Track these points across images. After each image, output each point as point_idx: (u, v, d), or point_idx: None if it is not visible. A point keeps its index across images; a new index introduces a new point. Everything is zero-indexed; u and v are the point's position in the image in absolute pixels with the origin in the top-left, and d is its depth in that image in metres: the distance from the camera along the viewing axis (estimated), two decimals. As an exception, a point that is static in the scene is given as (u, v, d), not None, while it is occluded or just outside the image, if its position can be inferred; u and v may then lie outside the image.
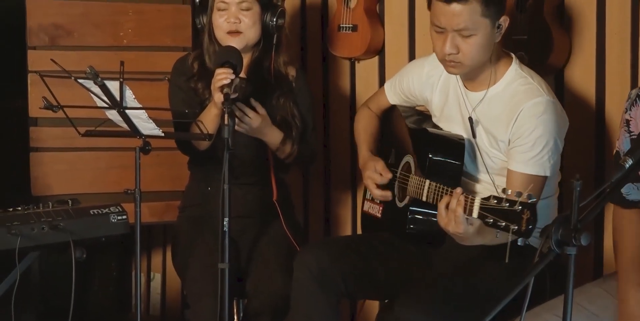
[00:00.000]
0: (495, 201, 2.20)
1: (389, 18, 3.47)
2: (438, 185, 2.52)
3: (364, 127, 3.01)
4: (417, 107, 2.98)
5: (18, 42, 3.58)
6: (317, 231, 3.74)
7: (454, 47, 2.53)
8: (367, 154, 2.92)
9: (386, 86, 2.99)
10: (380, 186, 2.81)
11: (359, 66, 3.58)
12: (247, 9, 2.99)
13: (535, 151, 2.54)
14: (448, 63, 2.58)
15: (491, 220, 2.21)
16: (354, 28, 3.43)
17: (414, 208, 2.67)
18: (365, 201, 3.01)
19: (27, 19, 3.51)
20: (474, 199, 2.28)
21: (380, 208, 2.90)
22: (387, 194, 2.80)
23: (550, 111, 2.55)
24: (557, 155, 2.58)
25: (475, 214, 2.27)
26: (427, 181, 2.57)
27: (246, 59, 2.95)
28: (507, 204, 2.16)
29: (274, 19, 3.01)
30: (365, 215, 3.00)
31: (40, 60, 3.48)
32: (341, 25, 3.46)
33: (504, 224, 2.17)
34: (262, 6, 3.01)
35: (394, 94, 2.95)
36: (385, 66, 3.49)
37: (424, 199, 2.58)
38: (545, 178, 2.56)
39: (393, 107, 2.99)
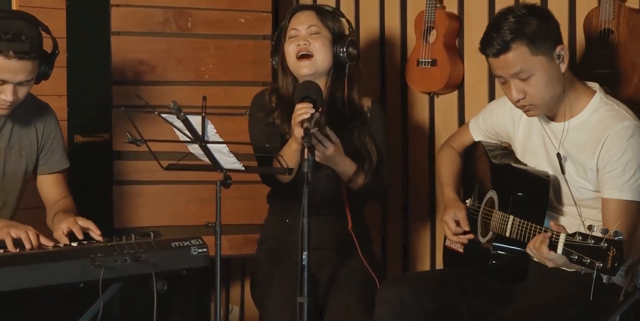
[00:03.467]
0: (581, 238, 2.17)
1: (469, 52, 3.46)
2: (522, 221, 2.50)
3: (448, 167, 3.01)
4: (502, 143, 2.97)
5: (103, 77, 3.67)
6: (396, 265, 3.72)
7: (520, 92, 2.55)
8: (451, 195, 2.93)
9: (470, 123, 3.00)
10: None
11: (438, 100, 3.57)
12: (317, 33, 3.03)
13: (627, 175, 2.50)
14: (522, 108, 2.60)
15: (576, 257, 2.18)
16: (433, 62, 3.43)
17: (497, 244, 2.66)
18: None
19: (112, 55, 3.59)
20: (558, 235, 2.26)
21: (463, 245, 2.88)
22: (464, 241, 2.80)
23: (638, 134, 2.51)
24: None
25: (559, 250, 2.25)
26: (511, 217, 2.56)
27: (318, 88, 2.97)
28: (593, 241, 2.14)
29: (345, 48, 3.04)
30: (448, 250, 2.99)
31: (124, 95, 3.56)
32: (420, 60, 3.46)
33: (588, 261, 2.14)
34: (332, 34, 3.05)
35: (478, 131, 2.96)
36: (465, 100, 3.48)
37: (508, 234, 2.56)
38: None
39: (476, 143, 2.99)
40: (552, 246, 2.30)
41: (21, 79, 2.67)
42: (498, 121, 2.86)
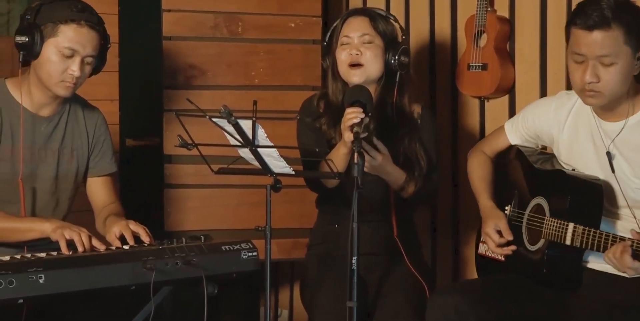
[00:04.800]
0: None
1: (520, 56, 3.43)
2: (586, 229, 2.46)
3: (481, 175, 2.96)
4: (538, 147, 2.93)
5: (154, 82, 3.70)
6: (445, 271, 3.70)
7: (595, 75, 2.49)
8: (488, 204, 2.88)
9: (506, 126, 2.94)
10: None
11: (488, 105, 3.55)
12: (370, 42, 3.02)
13: None
14: (587, 93, 2.53)
15: None
16: (484, 67, 3.41)
17: (551, 252, 2.61)
18: (481, 244, 2.95)
19: (163, 59, 3.63)
20: None
21: None
22: (508, 252, 2.76)
23: None
24: None
25: None
26: (571, 225, 2.52)
27: (368, 95, 2.97)
28: None
29: (397, 57, 3.02)
30: (483, 258, 2.94)
31: (175, 99, 3.59)
32: (471, 64, 3.44)
33: None
34: (385, 42, 3.04)
35: (516, 134, 2.91)
36: (516, 104, 3.45)
37: (568, 242, 2.52)
38: None
39: (510, 148, 2.94)
40: (635, 255, 2.26)
41: (89, 51, 2.76)
42: (541, 123, 2.80)
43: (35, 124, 2.86)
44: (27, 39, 2.73)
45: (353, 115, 2.74)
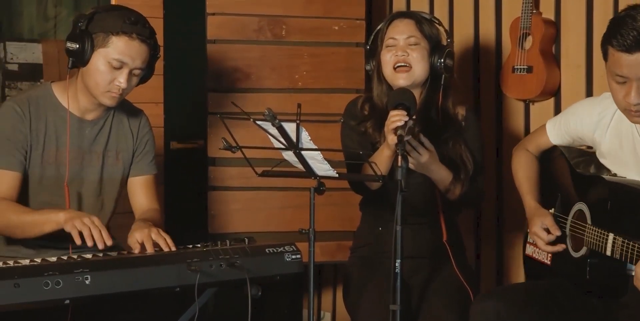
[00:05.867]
0: None
1: (565, 59, 3.40)
2: (625, 241, 2.42)
3: (526, 174, 2.93)
4: (580, 147, 2.89)
5: (199, 85, 3.73)
6: (489, 276, 3.68)
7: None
8: (533, 204, 2.85)
9: (548, 125, 2.91)
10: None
11: (533, 108, 3.52)
12: (416, 44, 3.02)
13: None
14: (633, 113, 2.47)
15: None
16: (529, 69, 3.39)
17: (593, 260, 2.58)
18: (529, 245, 2.93)
19: (208, 62, 3.65)
20: None
21: (550, 255, 2.81)
22: (558, 249, 2.73)
23: None
24: None
25: None
26: (611, 235, 2.47)
27: (414, 98, 2.96)
28: None
29: (442, 60, 3.01)
30: (530, 260, 2.92)
31: (219, 102, 3.61)
32: (516, 67, 3.42)
33: None
34: (430, 45, 3.03)
35: (557, 134, 2.87)
36: (561, 107, 3.42)
37: (608, 253, 2.48)
38: None
39: (553, 147, 2.92)
40: None
41: (137, 64, 2.76)
42: (584, 126, 2.76)
43: (80, 127, 2.87)
44: (77, 46, 2.74)
45: (397, 118, 2.73)
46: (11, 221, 2.72)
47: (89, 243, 2.54)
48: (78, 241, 2.54)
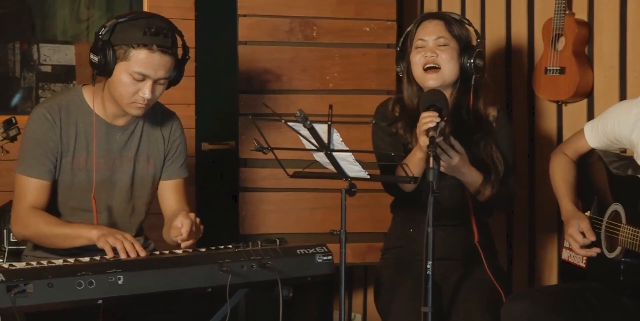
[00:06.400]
0: None
1: (599, 60, 3.38)
2: None
3: (563, 177, 2.92)
4: (618, 151, 2.88)
5: (230, 86, 3.74)
6: (521, 277, 3.66)
7: None
8: (570, 207, 2.84)
9: (586, 128, 2.90)
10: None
11: (566, 109, 3.50)
12: (445, 45, 3.01)
13: None
14: None
15: None
16: (562, 71, 3.37)
17: (628, 260, 2.56)
18: (565, 250, 2.91)
19: (239, 64, 3.66)
20: None
21: (584, 258, 2.80)
22: (592, 253, 2.72)
23: None
24: None
25: None
26: None
27: (444, 99, 2.95)
28: None
29: (472, 60, 3.00)
30: (566, 264, 2.90)
31: (250, 103, 3.62)
32: (548, 68, 3.40)
33: None
34: (460, 46, 3.02)
35: (595, 137, 2.86)
36: (594, 109, 3.39)
37: None
38: None
39: (591, 151, 2.90)
40: None
41: (160, 75, 2.72)
42: (621, 129, 2.75)
43: (111, 132, 2.86)
44: (99, 59, 2.71)
45: (428, 119, 2.72)
46: (42, 232, 2.74)
47: (123, 256, 2.54)
48: (110, 255, 2.55)
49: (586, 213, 2.84)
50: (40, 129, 2.79)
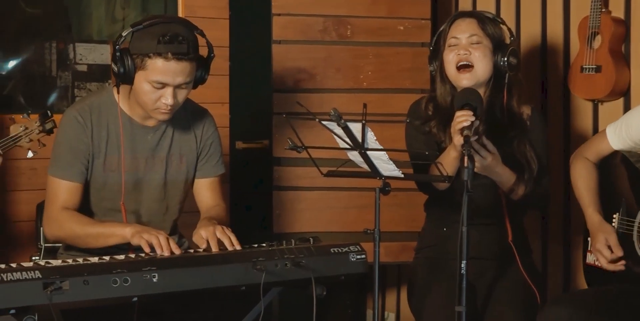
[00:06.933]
0: None
1: (635, 58, 3.35)
2: None
3: (586, 184, 2.89)
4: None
5: (264, 85, 3.75)
6: (556, 278, 3.63)
7: None
8: (596, 218, 2.81)
9: (608, 130, 2.86)
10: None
11: (602, 108, 3.47)
12: (478, 43, 2.99)
13: None
14: None
15: None
16: (598, 69, 3.34)
17: None
18: (589, 254, 2.88)
19: (273, 63, 3.67)
20: None
21: None
22: (619, 268, 2.70)
23: None
24: None
25: None
26: None
27: (477, 97, 2.93)
28: None
29: (505, 58, 2.98)
30: (592, 268, 2.87)
31: (284, 102, 3.62)
32: (584, 66, 3.37)
33: None
34: (493, 44, 3.00)
35: (619, 139, 2.82)
36: (631, 108, 3.36)
37: None
38: None
39: (614, 153, 2.86)
40: None
41: (180, 81, 2.70)
42: None
43: (142, 133, 2.86)
44: (119, 69, 2.70)
45: (463, 118, 2.71)
46: (75, 232, 2.75)
47: (159, 251, 2.55)
48: (147, 250, 2.56)
49: (614, 216, 2.80)
50: (72, 132, 2.80)
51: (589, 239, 2.82)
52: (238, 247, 2.62)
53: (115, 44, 2.72)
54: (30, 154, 2.89)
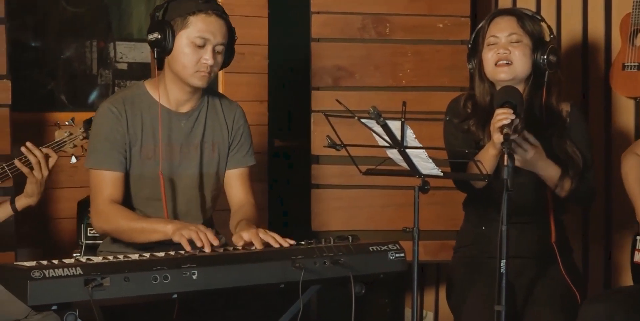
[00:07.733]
0: None
1: (679, 55, 3.31)
2: None
3: (637, 177, 2.88)
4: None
5: (303, 83, 3.75)
6: (597, 277, 3.60)
7: None
8: None
9: None
10: None
11: (644, 106, 3.44)
12: (518, 41, 2.97)
13: None
14: None
15: None
16: (640, 67, 3.31)
17: None
18: (637, 252, 2.85)
19: (312, 61, 3.67)
20: None
21: None
22: None
23: None
24: None
25: None
26: None
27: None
28: None
29: (545, 56, 2.96)
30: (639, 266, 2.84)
31: (323, 100, 3.62)
32: (626, 64, 3.34)
33: None
34: (533, 42, 2.97)
35: None
36: (673, 105, 3.33)
37: None
38: None
39: None
40: None
41: (219, 40, 2.82)
42: None
43: (176, 120, 2.90)
44: (159, 36, 2.80)
45: (503, 116, 2.69)
46: (120, 227, 2.79)
47: (199, 244, 2.56)
48: (188, 248, 2.58)
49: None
50: (107, 123, 2.84)
51: (637, 237, 2.80)
52: (286, 244, 2.60)
53: (153, 15, 2.85)
54: (73, 160, 2.99)
